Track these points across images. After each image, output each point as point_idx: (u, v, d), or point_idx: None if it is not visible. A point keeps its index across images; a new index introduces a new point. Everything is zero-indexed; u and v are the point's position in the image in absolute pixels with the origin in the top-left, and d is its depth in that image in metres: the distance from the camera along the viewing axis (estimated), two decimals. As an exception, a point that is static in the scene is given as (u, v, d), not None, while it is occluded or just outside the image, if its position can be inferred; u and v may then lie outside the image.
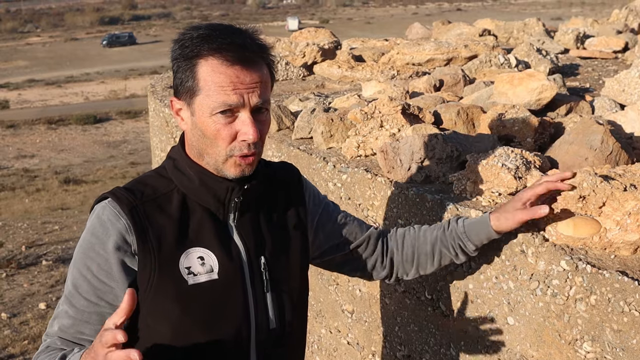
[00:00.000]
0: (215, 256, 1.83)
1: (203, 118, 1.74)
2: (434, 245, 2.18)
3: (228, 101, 1.71)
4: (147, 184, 1.85)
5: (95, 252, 1.76)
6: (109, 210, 1.77)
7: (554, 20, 53.98)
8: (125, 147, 34.46)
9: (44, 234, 19.10)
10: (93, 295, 1.76)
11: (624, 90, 3.43)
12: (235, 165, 1.79)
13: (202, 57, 1.72)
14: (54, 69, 59.40)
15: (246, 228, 1.90)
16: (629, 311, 1.92)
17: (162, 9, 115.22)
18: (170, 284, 1.78)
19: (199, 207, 1.84)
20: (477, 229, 2.12)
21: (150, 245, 1.76)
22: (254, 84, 1.73)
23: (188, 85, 1.75)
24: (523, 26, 6.31)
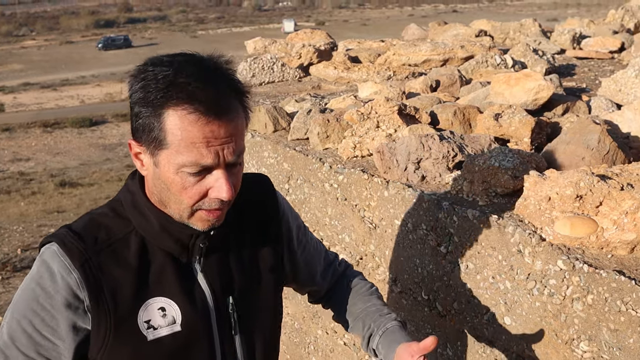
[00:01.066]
0: (177, 306, 1.66)
1: (168, 173, 1.54)
2: (360, 314, 2.05)
3: (201, 162, 1.50)
4: (100, 225, 1.65)
5: (39, 305, 1.57)
6: (58, 261, 1.57)
7: (550, 21, 54.04)
8: (121, 149, 34.43)
9: (40, 237, 19.07)
10: (32, 351, 1.58)
11: (621, 90, 3.43)
12: (203, 220, 1.62)
13: (170, 107, 1.48)
14: (49, 72, 59.36)
15: (212, 269, 1.74)
16: (625, 310, 1.92)
17: (157, 11, 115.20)
18: (128, 342, 1.61)
19: (160, 252, 1.66)
20: (389, 340, 1.92)
21: (104, 303, 1.58)
22: (229, 137, 1.52)
23: (153, 135, 1.52)
24: (519, 27, 6.30)
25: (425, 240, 2.63)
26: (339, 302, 2.13)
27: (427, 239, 2.62)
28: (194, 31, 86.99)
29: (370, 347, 1.98)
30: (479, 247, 2.39)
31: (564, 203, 2.16)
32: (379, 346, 1.94)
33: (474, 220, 2.40)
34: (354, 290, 2.13)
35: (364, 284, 2.15)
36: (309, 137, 3.39)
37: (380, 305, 2.06)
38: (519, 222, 2.29)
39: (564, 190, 2.16)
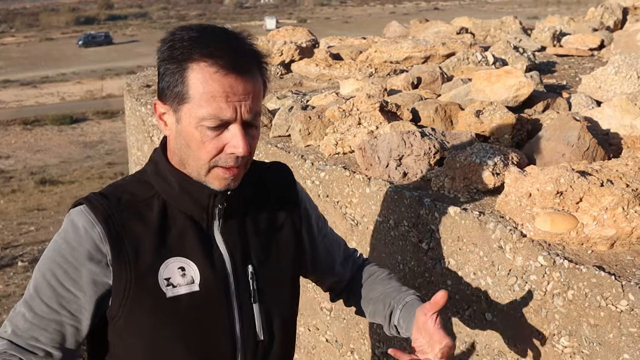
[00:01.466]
0: (196, 267, 1.72)
1: (189, 128, 1.62)
2: (379, 296, 2.06)
3: (220, 115, 1.59)
4: (125, 190, 1.74)
5: (63, 258, 1.65)
6: (83, 217, 1.66)
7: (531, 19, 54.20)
8: (102, 147, 34.23)
9: (20, 235, 18.95)
10: (55, 302, 1.65)
11: (600, 87, 3.46)
12: (220, 179, 1.67)
13: (194, 61, 1.58)
14: (29, 69, 58.85)
15: (232, 235, 1.79)
16: (605, 306, 1.93)
17: (138, 8, 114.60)
18: (147, 296, 1.67)
19: (180, 215, 1.73)
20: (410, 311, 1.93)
21: (126, 256, 1.65)
22: (247, 95, 1.61)
23: (177, 90, 1.62)
24: (500, 24, 6.34)
25: (406, 237, 2.64)
26: (358, 291, 2.13)
27: (408, 235, 2.63)
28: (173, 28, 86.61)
29: (392, 324, 1.98)
30: (460, 243, 2.40)
31: (544, 199, 2.17)
32: (400, 321, 1.95)
33: (455, 217, 2.41)
34: (372, 277, 2.13)
35: (382, 271, 2.15)
36: (290, 134, 3.39)
37: (398, 285, 2.07)
38: (500, 218, 2.30)
39: (544, 186, 2.17)
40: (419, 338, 1.81)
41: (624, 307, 1.89)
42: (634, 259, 2.03)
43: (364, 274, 2.15)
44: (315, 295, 3.29)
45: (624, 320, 1.90)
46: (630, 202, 2.06)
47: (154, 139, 4.39)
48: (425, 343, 1.80)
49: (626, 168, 2.26)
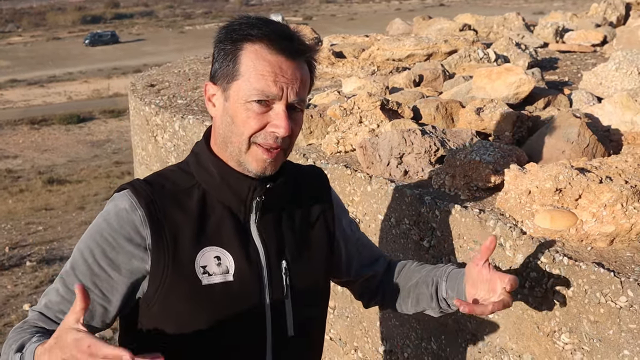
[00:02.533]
0: (232, 257, 1.76)
1: (237, 104, 1.69)
2: (419, 280, 2.06)
3: (267, 91, 1.66)
4: (168, 178, 1.80)
5: (103, 237, 1.70)
6: (126, 200, 1.71)
7: (536, 14, 54.11)
8: (110, 146, 34.29)
9: (28, 234, 19.00)
10: (88, 279, 1.70)
11: (601, 83, 3.46)
12: (258, 159, 1.72)
13: (249, 40, 1.68)
14: (36, 68, 58.97)
15: (268, 230, 1.83)
16: (605, 302, 1.94)
17: (144, 7, 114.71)
18: (184, 282, 1.71)
19: (219, 205, 1.78)
20: (455, 278, 1.96)
21: (165, 242, 1.70)
22: (295, 79, 1.68)
23: (228, 68, 1.70)
24: (503, 21, 6.33)
25: (408, 235, 2.65)
26: (394, 287, 2.13)
27: (410, 233, 2.64)
28: (181, 26, 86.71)
29: (440, 297, 1.99)
30: (461, 241, 2.41)
31: (543, 196, 2.18)
32: (448, 291, 1.96)
33: (455, 215, 2.42)
34: (405, 269, 2.14)
35: (411, 262, 2.17)
36: (292, 132, 3.40)
37: (433, 266, 2.09)
38: (500, 215, 2.31)
39: (543, 183, 2.18)
40: (477, 291, 1.85)
41: (624, 303, 1.90)
42: (633, 256, 2.04)
43: (395, 270, 2.16)
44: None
45: (623, 317, 1.91)
46: (630, 198, 2.07)
47: (158, 138, 4.40)
48: (484, 292, 1.84)
49: (625, 164, 2.26)
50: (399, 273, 2.14)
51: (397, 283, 2.12)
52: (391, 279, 2.14)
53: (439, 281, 1.99)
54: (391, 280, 2.14)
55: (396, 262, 2.19)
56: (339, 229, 2.05)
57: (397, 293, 2.12)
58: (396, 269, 2.16)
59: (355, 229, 2.14)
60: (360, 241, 2.14)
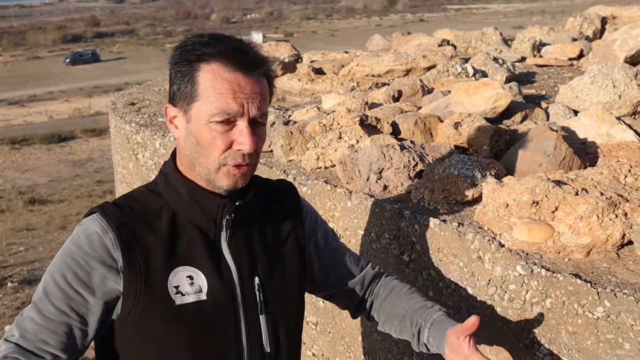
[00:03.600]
0: (204, 276, 1.75)
1: (199, 125, 1.68)
2: (405, 313, 2.04)
3: (228, 109, 1.65)
4: (137, 200, 1.79)
5: (74, 261, 1.68)
6: (96, 224, 1.70)
7: (516, 28, 54.51)
8: (91, 165, 34.15)
9: (9, 255, 18.85)
10: (65, 304, 1.68)
11: (577, 96, 3.49)
12: (228, 175, 1.72)
13: (204, 61, 1.67)
14: (16, 88, 58.69)
15: (239, 247, 1.82)
16: (582, 313, 1.96)
17: (125, 25, 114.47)
18: (157, 303, 1.70)
19: (189, 225, 1.77)
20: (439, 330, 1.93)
21: (136, 264, 1.69)
22: (254, 94, 1.68)
23: (187, 90, 1.69)
24: (481, 35, 6.39)
25: (388, 249, 2.66)
26: (381, 307, 2.12)
27: (390, 247, 2.65)
28: (162, 45, 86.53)
29: (421, 342, 1.97)
30: (441, 254, 2.42)
31: (520, 209, 2.20)
32: (429, 339, 1.94)
33: (435, 229, 2.44)
34: (394, 292, 2.12)
35: (402, 285, 2.14)
36: (272, 149, 3.42)
37: (423, 301, 2.06)
38: (479, 229, 2.33)
39: (520, 196, 2.20)
40: (454, 357, 1.84)
41: (601, 314, 1.92)
42: (609, 266, 2.06)
43: (385, 289, 2.14)
44: (301, 309, 3.31)
45: (600, 327, 1.93)
46: (605, 210, 2.10)
47: (139, 156, 4.40)
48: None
49: (601, 177, 2.29)
50: (387, 296, 2.12)
51: (384, 306, 2.11)
52: (379, 299, 2.13)
53: (422, 325, 1.97)
54: (379, 301, 2.13)
55: (386, 278, 2.17)
56: (311, 242, 2.04)
57: (383, 315, 2.11)
58: (385, 289, 2.13)
59: (330, 239, 2.11)
60: (338, 252, 2.12)
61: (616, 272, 2.03)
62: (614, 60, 4.34)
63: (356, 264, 2.15)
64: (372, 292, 2.15)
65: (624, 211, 2.12)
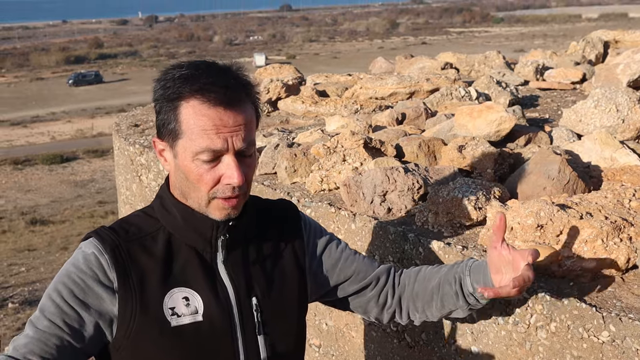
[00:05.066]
0: (200, 297, 1.76)
1: (185, 162, 1.69)
2: (440, 280, 2.01)
3: (212, 146, 1.65)
4: (132, 224, 1.81)
5: (71, 279, 1.70)
6: (92, 246, 1.72)
7: (517, 52, 54.76)
8: (93, 186, 34.20)
9: (10, 276, 18.84)
10: (58, 318, 1.68)
11: (581, 120, 3.50)
12: (220, 209, 1.73)
13: (184, 98, 1.66)
14: (19, 109, 58.96)
15: (235, 267, 1.83)
16: (587, 337, 1.95)
17: (128, 47, 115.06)
18: (153, 325, 1.71)
19: (185, 247, 1.79)
20: (479, 270, 1.93)
21: (131, 286, 1.70)
22: (237, 127, 1.67)
23: (170, 127, 1.70)
24: (484, 59, 6.41)
25: (392, 272, 2.65)
26: (413, 296, 2.07)
27: (394, 270, 2.64)
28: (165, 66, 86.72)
29: (467, 293, 1.94)
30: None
31: (525, 232, 2.20)
32: (474, 285, 1.92)
33: (439, 252, 2.44)
34: (421, 273, 2.09)
35: (425, 266, 2.12)
36: (276, 171, 3.42)
37: (450, 265, 2.05)
38: (483, 252, 2.32)
39: (525, 220, 2.20)
40: (502, 276, 1.84)
41: (606, 338, 1.92)
42: (614, 290, 2.06)
43: (410, 277, 2.10)
44: (304, 331, 3.30)
45: (606, 352, 1.92)
46: (610, 234, 2.10)
47: (143, 178, 4.41)
48: (509, 274, 1.82)
49: (605, 200, 2.29)
50: (415, 278, 2.08)
51: (415, 289, 2.07)
52: (407, 286, 2.09)
53: (462, 277, 1.95)
54: (407, 287, 2.09)
55: (407, 269, 2.15)
56: (315, 257, 2.02)
57: (417, 299, 2.07)
58: (410, 276, 2.10)
59: (341, 248, 2.08)
60: (350, 259, 2.08)
61: (621, 296, 2.02)
62: (617, 84, 4.35)
63: (368, 265, 2.11)
64: (397, 287, 2.11)
65: (629, 235, 2.12)
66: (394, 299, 2.11)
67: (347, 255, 2.09)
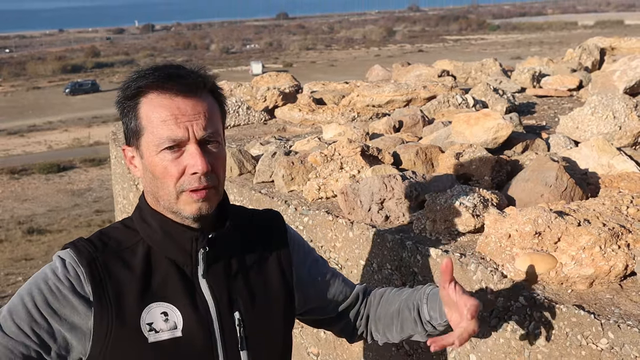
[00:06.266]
0: (179, 312, 1.70)
1: (150, 158, 1.67)
2: (400, 305, 1.99)
3: (172, 135, 1.63)
4: (111, 237, 1.76)
5: (47, 286, 1.65)
6: (68, 257, 1.68)
7: (514, 59, 54.91)
8: (90, 195, 34.14)
9: (7, 285, 18.78)
10: (27, 326, 1.61)
11: (578, 127, 3.51)
12: (189, 203, 1.68)
13: (141, 94, 1.66)
14: (16, 118, 58.90)
15: (217, 281, 1.77)
16: (586, 344, 1.95)
17: (124, 56, 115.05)
18: (129, 341, 1.66)
19: (164, 260, 1.74)
20: (436, 298, 1.90)
21: (107, 300, 1.65)
22: (197, 114, 1.65)
23: (132, 126, 1.69)
24: (480, 66, 6.43)
25: (390, 280, 2.65)
26: (377, 317, 2.06)
27: (392, 278, 2.64)
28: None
29: (425, 320, 1.91)
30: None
31: (523, 240, 2.20)
32: (430, 313, 1.89)
33: (437, 259, 2.43)
34: (385, 295, 2.08)
35: (390, 288, 2.11)
36: (274, 179, 3.42)
37: (412, 289, 2.02)
38: (481, 259, 2.32)
39: (522, 227, 2.20)
40: (452, 314, 1.80)
41: (605, 345, 1.91)
42: (612, 297, 2.06)
43: (376, 297, 2.10)
44: (302, 340, 3.29)
45: (604, 359, 1.91)
46: (608, 241, 2.10)
47: (139, 187, 4.40)
48: (456, 314, 1.78)
49: (603, 207, 2.29)
50: (379, 301, 2.08)
51: (378, 311, 2.06)
52: (372, 306, 2.09)
53: (419, 304, 1.93)
54: (372, 308, 2.09)
55: (375, 290, 2.14)
56: (303, 272, 1.99)
57: (379, 322, 2.06)
58: (376, 297, 2.10)
59: (321, 266, 2.07)
60: (331, 278, 2.07)
61: (619, 303, 2.02)
62: (614, 91, 4.36)
63: (349, 286, 2.10)
64: (365, 307, 2.10)
65: (627, 242, 2.12)
66: (362, 319, 2.11)
67: (329, 275, 2.08)
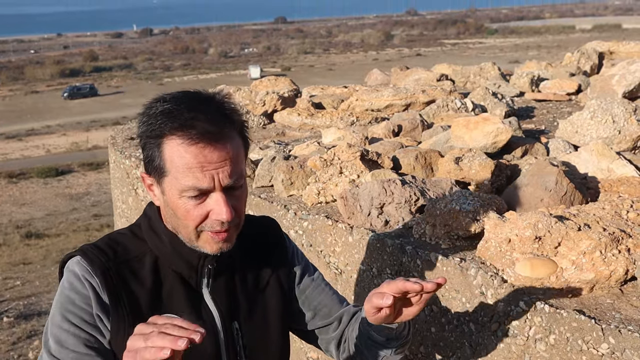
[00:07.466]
0: None
1: (173, 199, 1.65)
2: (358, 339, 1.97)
3: (197, 185, 1.61)
4: (119, 243, 1.77)
5: (75, 305, 1.68)
6: (81, 267, 1.69)
7: (512, 63, 55.00)
8: (88, 199, 34.11)
9: (5, 290, 18.73)
10: (81, 346, 1.67)
11: (577, 131, 3.51)
12: (210, 242, 1.69)
13: (166, 136, 1.61)
14: (14, 122, 58.88)
15: (220, 293, 1.81)
16: (587, 349, 1.95)
17: (123, 60, 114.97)
18: None
19: (171, 272, 1.77)
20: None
21: (123, 309, 1.69)
22: (222, 162, 1.62)
23: (155, 164, 1.65)
24: (479, 70, 6.43)
25: (390, 285, 2.65)
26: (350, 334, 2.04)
27: (391, 283, 2.63)
28: (160, 79, 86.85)
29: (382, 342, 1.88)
30: (443, 290, 2.41)
31: (523, 244, 2.20)
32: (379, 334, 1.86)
33: (437, 264, 2.43)
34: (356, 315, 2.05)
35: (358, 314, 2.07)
36: (273, 184, 3.42)
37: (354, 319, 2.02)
38: (481, 264, 2.32)
39: (523, 231, 2.20)
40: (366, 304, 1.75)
41: (605, 350, 1.91)
42: (613, 302, 2.05)
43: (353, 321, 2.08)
44: (302, 345, 3.28)
45: (605, 364, 1.91)
46: (608, 245, 2.09)
47: (139, 191, 4.40)
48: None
49: (603, 212, 2.29)
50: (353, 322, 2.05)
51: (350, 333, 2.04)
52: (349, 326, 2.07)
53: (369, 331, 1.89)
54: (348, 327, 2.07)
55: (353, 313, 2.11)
56: (299, 282, 2.01)
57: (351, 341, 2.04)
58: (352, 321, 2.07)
59: (316, 278, 2.06)
60: (324, 292, 2.06)
61: (620, 308, 2.02)
62: (613, 95, 4.36)
63: (336, 301, 2.09)
64: (349, 332, 2.07)
65: (627, 247, 2.12)
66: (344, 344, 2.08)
67: (321, 287, 2.06)
